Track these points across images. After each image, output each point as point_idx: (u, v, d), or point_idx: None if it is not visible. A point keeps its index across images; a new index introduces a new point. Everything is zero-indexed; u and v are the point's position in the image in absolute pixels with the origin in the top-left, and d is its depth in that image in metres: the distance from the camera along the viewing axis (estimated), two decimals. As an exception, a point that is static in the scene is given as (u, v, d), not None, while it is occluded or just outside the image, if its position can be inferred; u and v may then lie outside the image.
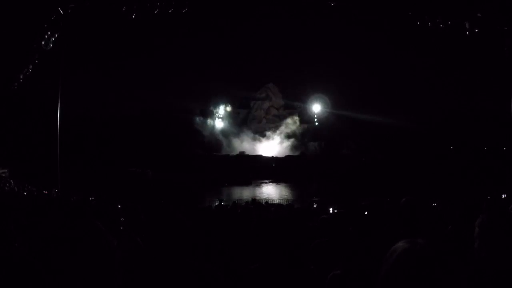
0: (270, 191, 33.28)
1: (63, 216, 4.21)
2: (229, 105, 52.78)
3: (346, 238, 2.59)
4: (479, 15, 17.67)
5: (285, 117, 52.73)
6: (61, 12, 18.27)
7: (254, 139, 50.57)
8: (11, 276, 2.13)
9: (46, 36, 18.50)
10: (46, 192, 15.13)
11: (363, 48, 50.62)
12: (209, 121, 50.87)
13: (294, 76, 55.72)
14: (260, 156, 44.23)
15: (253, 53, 53.38)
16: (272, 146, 49.00)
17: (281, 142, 49.71)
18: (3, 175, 22.54)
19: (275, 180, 38.35)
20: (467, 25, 18.18)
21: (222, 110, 52.17)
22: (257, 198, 19.45)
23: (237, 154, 44.48)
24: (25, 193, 13.68)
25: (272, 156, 44.05)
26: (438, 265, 1.22)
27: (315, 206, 14.36)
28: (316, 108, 50.74)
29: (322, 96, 50.15)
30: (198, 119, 50.77)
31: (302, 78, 53.62)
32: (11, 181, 19.64)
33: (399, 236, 1.48)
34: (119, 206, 9.65)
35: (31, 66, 19.54)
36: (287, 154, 45.56)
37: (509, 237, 1.95)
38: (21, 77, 20.32)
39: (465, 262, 2.61)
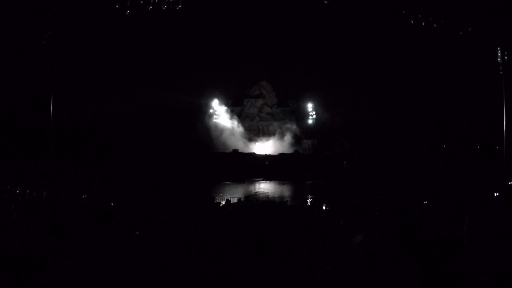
0: (264, 189, 33.31)
1: (55, 214, 4.21)
2: (223, 103, 52.70)
3: (336, 234, 2.61)
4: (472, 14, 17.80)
5: (277, 114, 52.74)
6: (54, 8, 18.16)
7: (248, 137, 50.54)
8: (5, 274, 2.14)
9: (39, 33, 18.38)
10: (40, 191, 15.05)
11: (357, 47, 50.94)
12: (203, 118, 50.73)
13: (288, 74, 55.97)
14: (253, 154, 44.20)
15: (247, 51, 53.48)
16: (265, 144, 49.02)
17: (274, 140, 49.71)
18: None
19: (268, 177, 38.39)
20: (460, 25, 18.29)
21: (215, 107, 52.09)
22: (250, 195, 19.46)
23: (230, 152, 44.39)
24: (17, 191, 13.58)
25: (266, 154, 44.05)
26: (388, 258, 1.24)
27: (308, 203, 14.46)
28: (309, 108, 50.81)
29: (315, 94, 50.32)
30: (191, 116, 50.60)
31: (295, 76, 53.88)
32: (4, 180, 19.47)
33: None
34: (112, 204, 9.64)
35: (23, 64, 19.40)
36: (280, 152, 45.57)
37: (498, 235, 1.98)
38: (14, 74, 20.18)
39: (454, 260, 2.65)
